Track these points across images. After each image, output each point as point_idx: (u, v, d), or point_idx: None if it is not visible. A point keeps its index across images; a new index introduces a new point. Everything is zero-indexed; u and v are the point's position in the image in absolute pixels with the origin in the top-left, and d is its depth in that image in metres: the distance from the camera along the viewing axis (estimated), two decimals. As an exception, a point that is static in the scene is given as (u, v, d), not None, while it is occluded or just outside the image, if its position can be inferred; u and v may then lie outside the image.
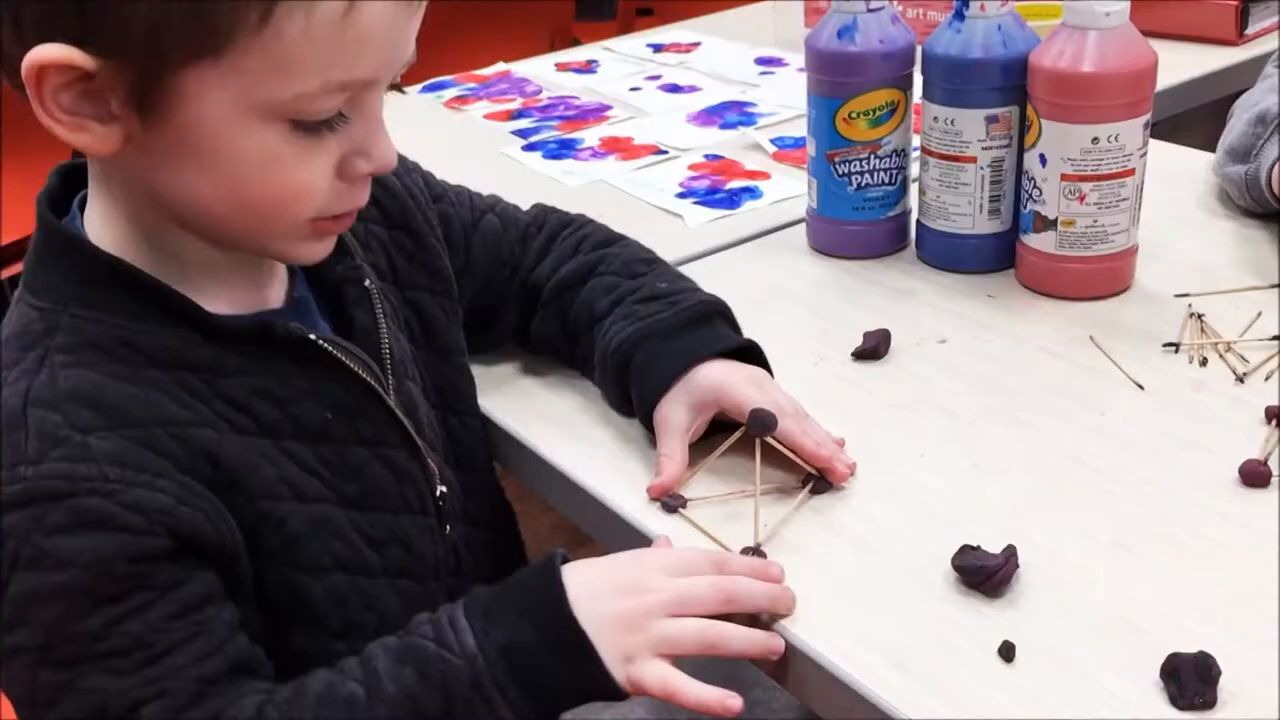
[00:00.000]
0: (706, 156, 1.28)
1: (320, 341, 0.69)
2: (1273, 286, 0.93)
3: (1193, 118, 1.35)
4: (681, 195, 1.19)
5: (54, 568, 0.58)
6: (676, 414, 0.77)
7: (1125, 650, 0.61)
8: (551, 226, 0.92)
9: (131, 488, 0.59)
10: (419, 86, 1.61)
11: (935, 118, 0.96)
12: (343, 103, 0.62)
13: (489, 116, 1.47)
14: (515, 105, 1.50)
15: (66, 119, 0.59)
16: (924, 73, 0.96)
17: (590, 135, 1.37)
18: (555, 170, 1.28)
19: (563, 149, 1.33)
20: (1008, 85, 0.93)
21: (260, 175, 0.62)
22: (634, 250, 0.90)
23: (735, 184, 1.20)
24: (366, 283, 0.75)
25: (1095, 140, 0.88)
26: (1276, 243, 1.00)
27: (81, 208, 0.68)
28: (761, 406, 0.73)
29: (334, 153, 0.63)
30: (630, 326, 0.81)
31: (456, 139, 1.40)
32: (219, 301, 0.67)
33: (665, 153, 1.30)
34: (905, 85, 0.98)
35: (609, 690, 0.62)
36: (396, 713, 0.61)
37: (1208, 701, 0.58)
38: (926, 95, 0.96)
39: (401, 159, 0.76)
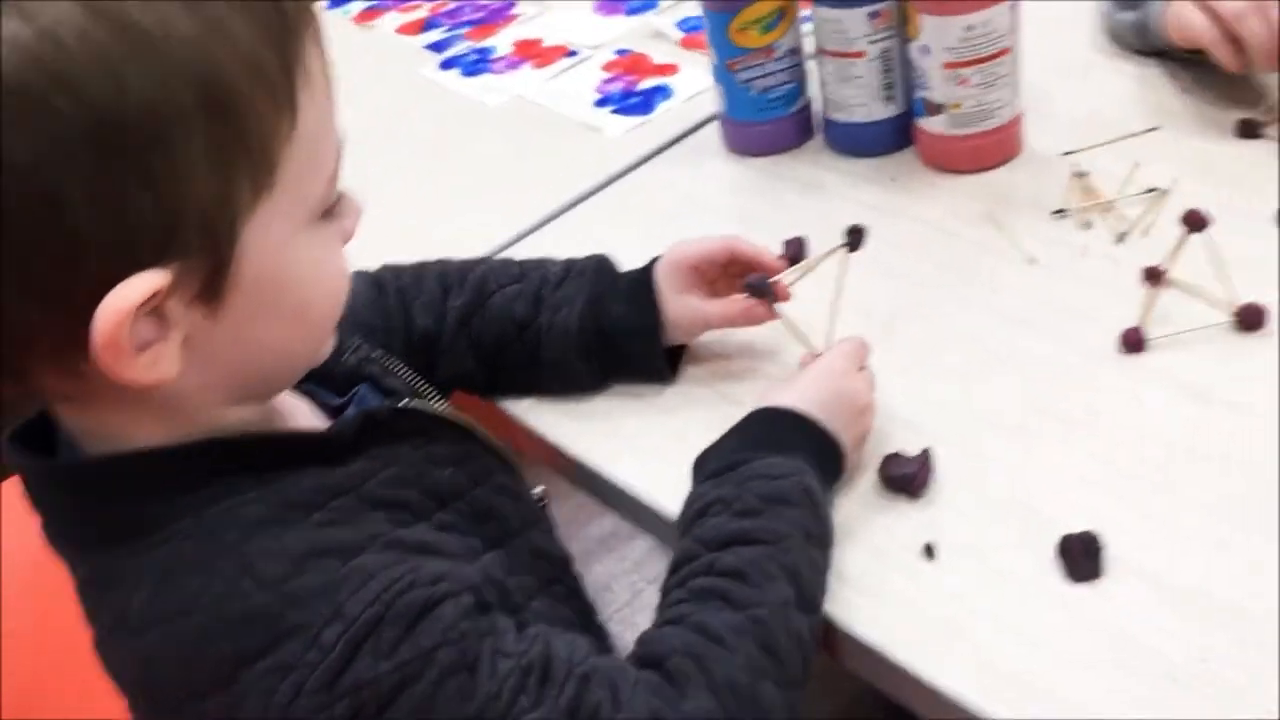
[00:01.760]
0: (617, 53, 1.32)
1: (414, 406, 0.70)
2: (1148, 131, 1.01)
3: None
4: (599, 103, 1.24)
5: (424, 664, 0.58)
6: (678, 302, 0.85)
7: (1025, 532, 0.72)
8: (391, 283, 0.90)
9: (418, 569, 0.59)
10: (325, 2, 1.62)
11: (823, 18, 1.01)
12: None
13: (400, 30, 1.50)
14: (424, 13, 1.52)
15: (143, 364, 0.54)
16: (806, -23, 1.01)
17: (502, 41, 1.41)
18: (474, 88, 1.33)
19: (479, 63, 1.37)
20: (884, -19, 0.98)
21: (322, 287, 0.61)
22: (492, 262, 0.92)
23: (647, 83, 1.25)
24: (375, 353, 0.77)
25: (970, 28, 0.94)
26: (1164, 82, 1.06)
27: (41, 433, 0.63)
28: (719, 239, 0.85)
29: (339, 230, 0.63)
30: (574, 306, 0.86)
31: (373, 63, 1.43)
32: (296, 425, 0.67)
33: (576, 54, 1.34)
34: (789, -11, 1.03)
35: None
36: (791, 542, 0.68)
37: (1095, 573, 0.69)
38: (812, -1, 1.02)
39: None
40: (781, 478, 0.71)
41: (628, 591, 1.94)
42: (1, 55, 0.48)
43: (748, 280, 0.83)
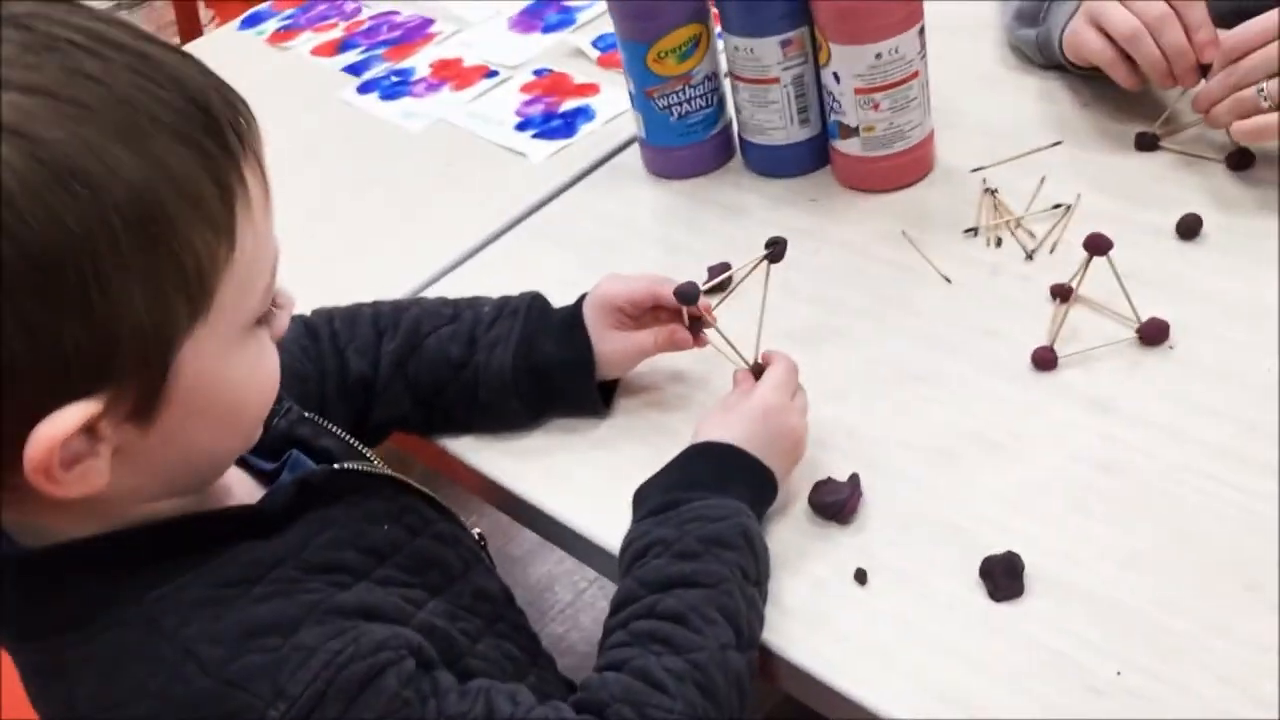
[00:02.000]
0: (536, 73, 1.34)
1: (349, 466, 0.72)
2: (1052, 145, 1.05)
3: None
4: (521, 126, 1.26)
5: None
6: (610, 339, 0.87)
7: (951, 555, 0.76)
8: (324, 329, 0.91)
9: (358, 639, 0.61)
10: (237, 22, 1.61)
11: (735, 47, 1.04)
12: None
13: (315, 52, 1.49)
14: (339, 33, 1.52)
15: (72, 478, 0.55)
16: (718, 7, 1.04)
17: (420, 62, 1.41)
18: (394, 113, 1.33)
19: (398, 86, 1.38)
20: (794, 9, 1.00)
21: (254, 389, 0.63)
22: (425, 303, 0.93)
23: (568, 104, 1.27)
24: (306, 414, 0.78)
25: (879, 56, 0.97)
26: (1066, 95, 1.10)
27: None
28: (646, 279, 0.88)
29: (270, 328, 0.64)
30: (508, 346, 0.88)
31: (289, 87, 1.43)
32: (229, 498, 0.68)
33: (495, 74, 1.35)
34: (703, 17, 1.05)
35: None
36: (730, 585, 0.71)
37: (1016, 592, 0.73)
38: (725, 28, 1.04)
39: None
40: (720, 520, 0.74)
41: (570, 591, 1.96)
42: None
43: (676, 288, 0.85)
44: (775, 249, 0.86)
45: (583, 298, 0.90)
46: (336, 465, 0.72)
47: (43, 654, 0.62)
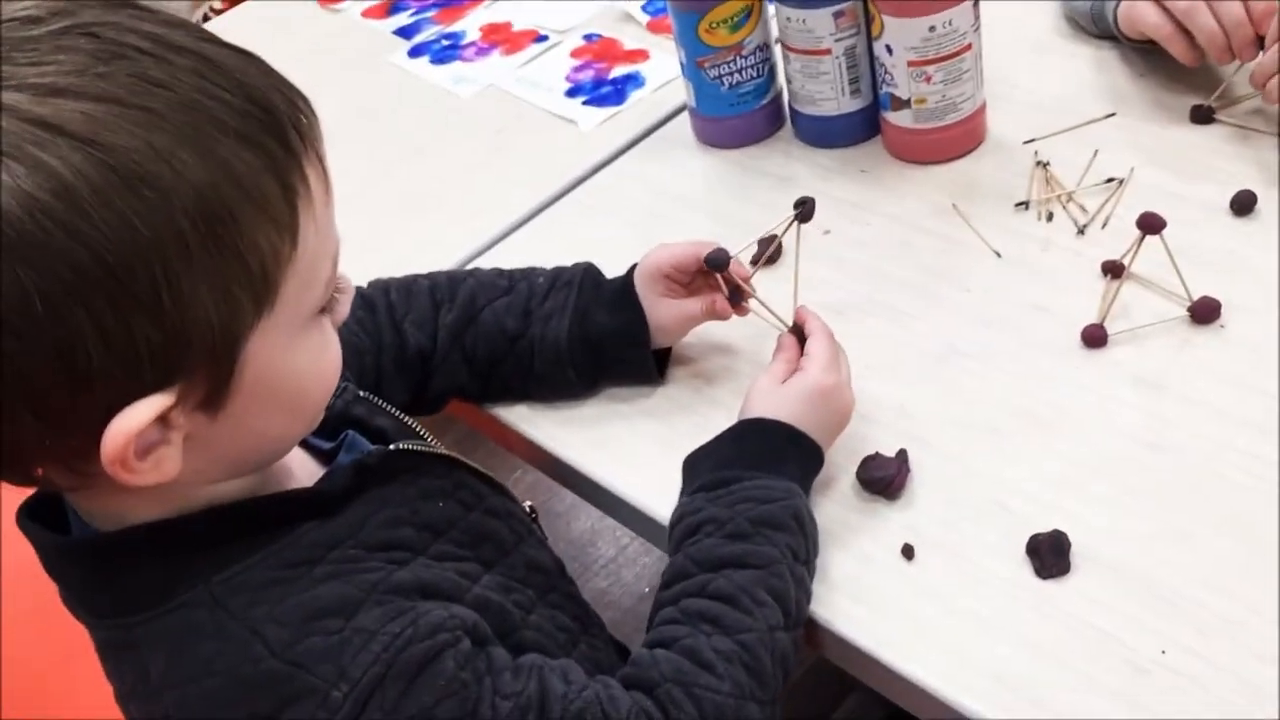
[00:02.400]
0: (585, 38, 1.34)
1: (403, 446, 0.74)
2: (1107, 117, 1.04)
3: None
4: (571, 92, 1.26)
5: (430, 709, 0.62)
6: (660, 306, 0.88)
7: (999, 532, 0.77)
8: (381, 301, 0.92)
9: (416, 621, 0.63)
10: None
11: (788, 18, 1.03)
12: None
13: (367, 14, 1.50)
14: (389, -5, 1.53)
15: (146, 466, 0.57)
16: (771, -23, 1.04)
17: (470, 25, 1.42)
18: (445, 78, 1.34)
19: (449, 50, 1.38)
20: (848, -20, 1.00)
21: (317, 377, 0.64)
22: (481, 275, 0.94)
23: (618, 70, 1.27)
24: (361, 393, 0.80)
25: (932, 29, 0.97)
26: (1120, 66, 1.09)
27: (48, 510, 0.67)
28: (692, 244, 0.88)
29: (331, 315, 0.65)
30: (563, 318, 0.89)
31: (340, 50, 1.44)
32: (290, 479, 0.70)
33: (545, 39, 1.36)
34: (756, -13, 1.05)
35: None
36: (780, 566, 0.73)
37: (1063, 570, 0.74)
38: (777, -1, 1.04)
39: None
40: (771, 501, 0.75)
41: (612, 547, 1.99)
42: (15, 205, 0.50)
43: (706, 255, 0.86)
44: (804, 209, 0.87)
45: (632, 268, 0.91)
46: (392, 446, 0.74)
47: (115, 630, 0.64)
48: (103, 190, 0.51)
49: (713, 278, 0.89)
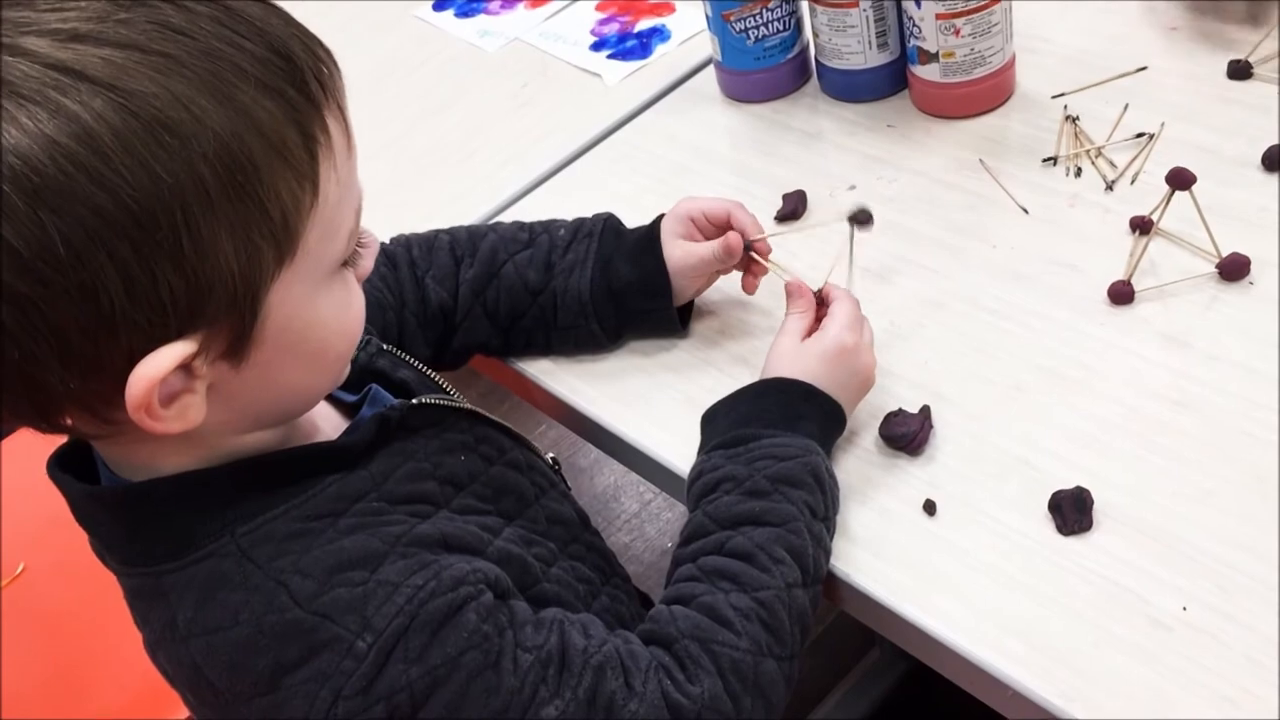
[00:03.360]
0: (611, -10, 1.33)
1: (426, 400, 0.74)
2: (1138, 71, 1.03)
3: None
4: (596, 46, 1.25)
5: (452, 668, 0.63)
6: (677, 246, 0.88)
7: (1021, 489, 0.76)
8: (403, 257, 0.92)
9: (439, 574, 0.63)
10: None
11: (815, -30, 1.02)
12: None
13: (392, -33, 1.49)
14: (414, -52, 1.52)
15: (171, 414, 0.58)
16: (799, -72, 1.02)
17: (496, -23, 1.41)
18: (470, 32, 1.34)
19: (474, 3, 1.38)
20: (877, -69, 0.99)
21: (340, 329, 0.65)
22: (501, 229, 0.93)
23: (644, 24, 1.27)
24: (385, 346, 0.81)
25: (962, -20, 0.96)
26: (1153, 18, 1.08)
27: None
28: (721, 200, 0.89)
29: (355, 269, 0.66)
30: (585, 269, 0.89)
31: (365, 5, 1.43)
32: (315, 431, 0.71)
33: (571, -11, 1.35)
34: (783, -61, 1.04)
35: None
36: (798, 524, 0.73)
37: (1085, 526, 0.74)
38: (804, -51, 1.03)
39: None
40: (790, 459, 0.75)
41: (635, 502, 2.00)
42: (38, 150, 0.50)
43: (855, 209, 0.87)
44: (861, 218, 0.87)
45: (657, 218, 0.91)
46: (415, 400, 0.74)
47: (144, 578, 0.65)
48: (124, 135, 0.52)
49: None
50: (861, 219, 0.86)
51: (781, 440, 0.76)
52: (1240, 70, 1.00)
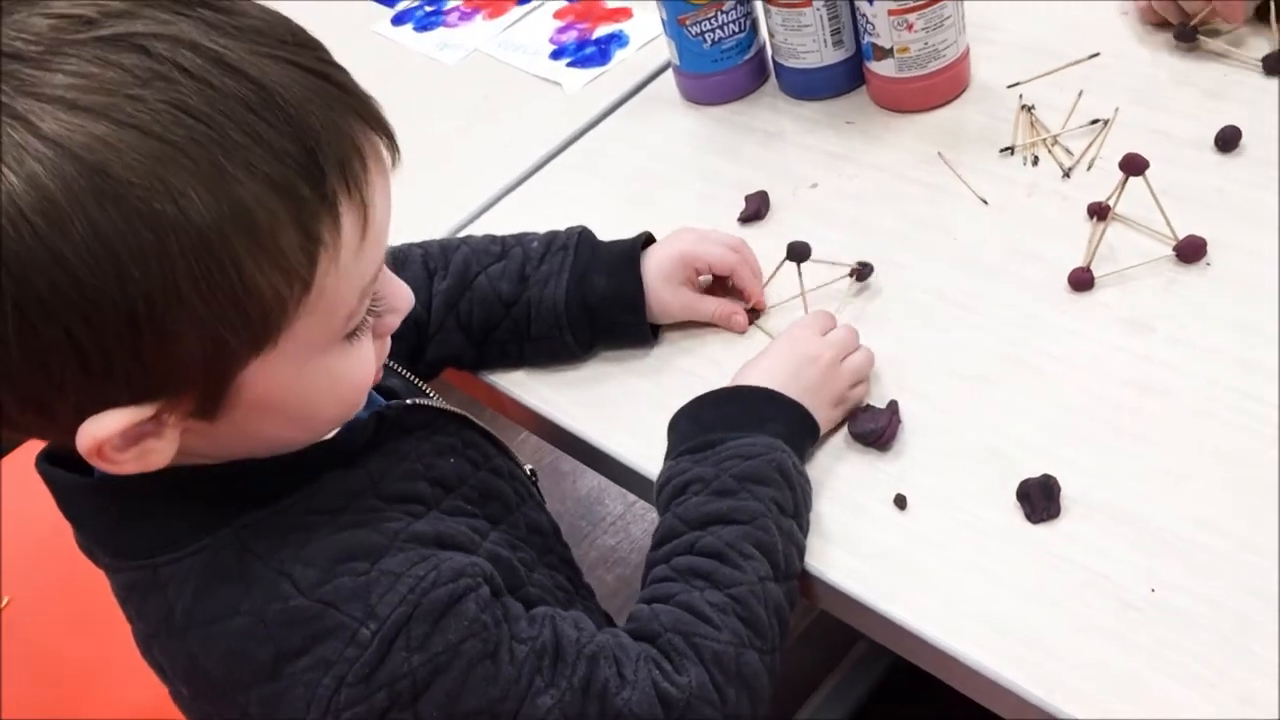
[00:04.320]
0: (568, -1, 1.34)
1: (420, 401, 0.75)
2: (1091, 57, 1.04)
3: None
4: (555, 54, 1.26)
5: (452, 656, 0.63)
6: (677, 294, 0.90)
7: (990, 478, 0.77)
8: None
9: (439, 566, 0.64)
10: (271, -45, 1.61)
11: (767, -29, 1.03)
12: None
13: (349, -17, 1.49)
14: (371, -38, 1.52)
15: (128, 457, 0.57)
16: (749, -70, 1.03)
17: (453, -11, 1.41)
18: (430, 45, 1.34)
19: (432, 17, 1.38)
20: (826, -70, 1.00)
21: (334, 394, 0.64)
22: (473, 241, 0.94)
23: (602, 30, 1.27)
24: None
25: (912, -25, 0.97)
26: (1103, 4, 1.09)
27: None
28: (727, 250, 0.91)
29: (371, 329, 0.65)
30: (560, 281, 0.89)
31: (323, 20, 1.41)
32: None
33: (527, 0, 1.35)
34: (734, -59, 1.05)
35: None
36: (765, 520, 0.74)
37: (1053, 514, 0.74)
38: (755, -49, 1.03)
39: None
40: (755, 457, 0.76)
41: (620, 504, 2.00)
42: (2, 215, 0.50)
43: (789, 246, 0.90)
44: (862, 271, 0.91)
45: (640, 236, 0.92)
46: (409, 401, 0.75)
47: (140, 571, 0.65)
48: (96, 221, 0.50)
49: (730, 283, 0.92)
50: (799, 254, 0.89)
51: (747, 440, 0.77)
52: (1187, 34, 1.00)
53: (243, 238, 0.53)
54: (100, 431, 0.55)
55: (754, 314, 0.92)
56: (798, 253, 0.89)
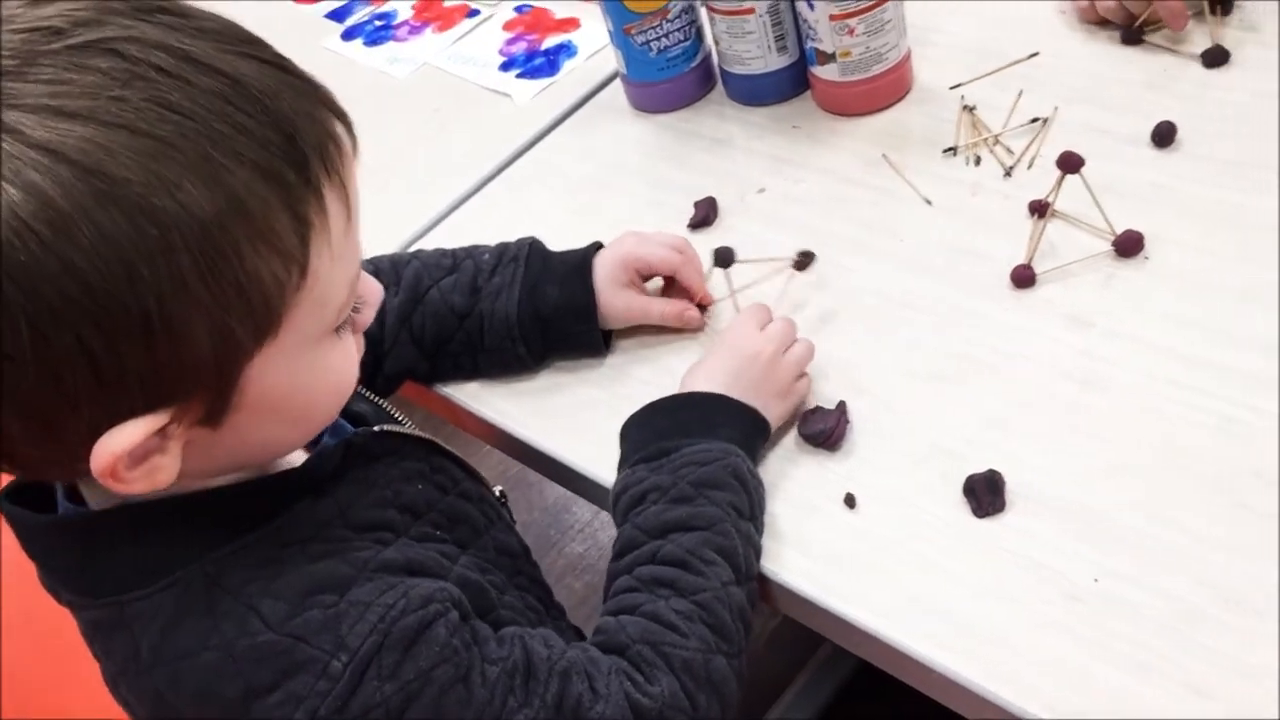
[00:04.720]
0: (517, 10, 1.34)
1: (388, 428, 0.75)
2: (1031, 56, 1.06)
3: None
4: (505, 66, 1.26)
5: (425, 683, 0.63)
6: (621, 296, 0.90)
7: (937, 476, 0.78)
8: None
9: (408, 593, 0.64)
10: (220, -28, 1.61)
11: (710, -21, 1.04)
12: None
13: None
14: (319, -23, 1.52)
15: (137, 475, 0.58)
16: (690, -61, 1.04)
17: (403, 4, 1.42)
18: (379, 60, 1.34)
19: (382, 31, 1.38)
20: (766, -62, 1.01)
21: (327, 389, 0.65)
22: (424, 256, 0.95)
23: (550, 41, 1.28)
24: None
25: (851, -19, 0.98)
26: (1043, 5, 1.10)
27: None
28: (669, 250, 0.92)
29: (351, 324, 0.66)
30: (512, 292, 0.90)
31: (272, 37, 1.41)
32: (283, 461, 0.71)
33: (477, 13, 1.36)
34: (676, -50, 1.06)
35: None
36: (724, 524, 0.74)
37: (999, 508, 0.76)
38: (698, -41, 1.04)
39: None
40: (710, 463, 0.77)
41: (587, 510, 2.00)
42: (8, 230, 0.50)
43: (716, 251, 0.91)
44: (803, 260, 0.93)
45: (591, 246, 0.93)
46: (377, 428, 0.75)
47: (106, 609, 0.64)
48: (101, 223, 0.51)
49: (679, 284, 0.92)
50: (724, 259, 0.91)
51: (702, 447, 0.78)
52: (1132, 36, 1.02)
53: (240, 225, 0.54)
54: (117, 446, 0.55)
55: (703, 309, 0.93)
56: (723, 259, 0.91)
